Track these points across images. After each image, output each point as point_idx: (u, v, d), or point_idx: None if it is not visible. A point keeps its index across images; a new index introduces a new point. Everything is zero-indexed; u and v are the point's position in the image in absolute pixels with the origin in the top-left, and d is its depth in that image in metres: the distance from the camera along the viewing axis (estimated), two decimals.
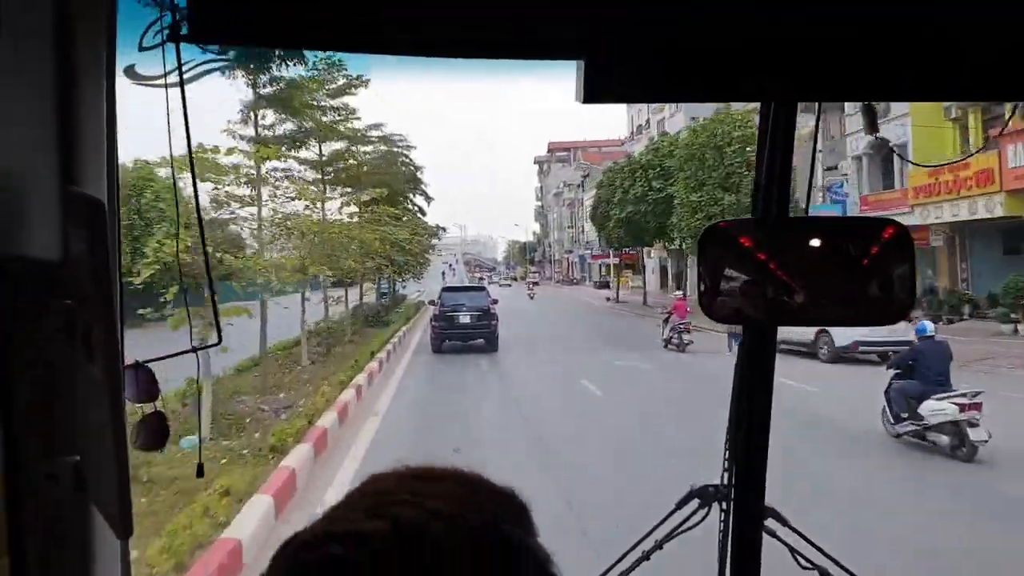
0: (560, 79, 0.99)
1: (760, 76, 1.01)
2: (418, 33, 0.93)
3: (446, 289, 24.24)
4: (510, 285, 77.64)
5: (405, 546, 0.54)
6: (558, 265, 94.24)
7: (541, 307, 41.51)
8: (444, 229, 40.94)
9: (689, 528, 1.69)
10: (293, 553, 0.57)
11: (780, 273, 1.35)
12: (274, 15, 0.90)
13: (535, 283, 74.99)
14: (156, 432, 1.06)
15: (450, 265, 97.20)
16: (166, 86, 0.94)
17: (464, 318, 21.95)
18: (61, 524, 1.00)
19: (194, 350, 1.08)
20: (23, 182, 0.87)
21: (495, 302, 23.46)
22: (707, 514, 1.69)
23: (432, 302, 23.99)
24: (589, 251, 73.13)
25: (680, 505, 1.71)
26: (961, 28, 1.00)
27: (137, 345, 1.13)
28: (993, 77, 1.04)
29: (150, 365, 1.07)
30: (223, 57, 0.93)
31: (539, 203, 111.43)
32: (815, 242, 1.37)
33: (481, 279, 70.53)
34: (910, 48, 1.00)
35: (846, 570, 1.63)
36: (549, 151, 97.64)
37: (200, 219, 0.97)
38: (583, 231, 76.14)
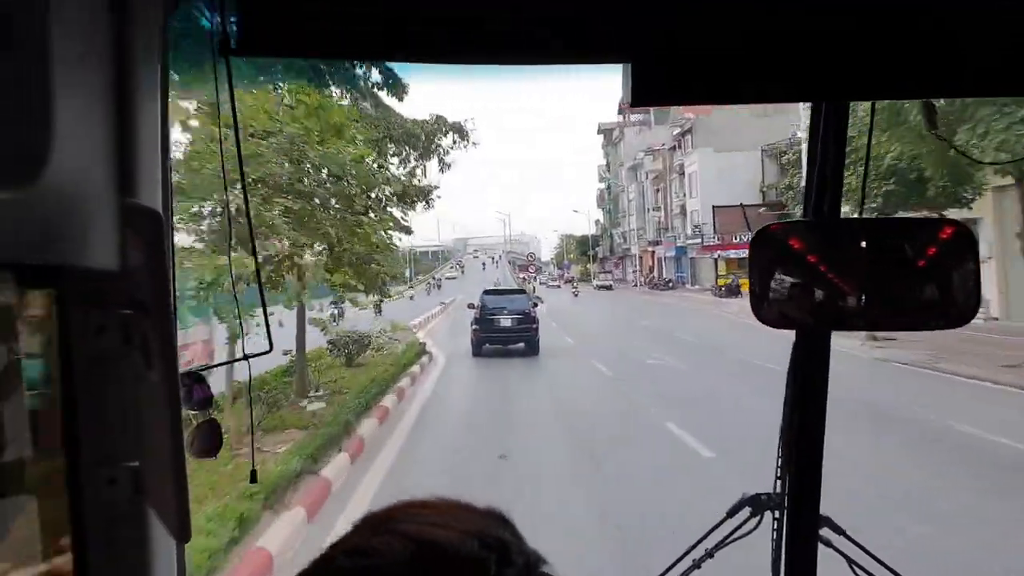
0: (611, 75, 0.97)
1: (810, 77, 1.00)
2: (465, 41, 0.94)
3: (487, 292, 23.67)
4: (559, 286, 61.82)
5: (413, 555, 0.58)
6: (635, 262, 68.92)
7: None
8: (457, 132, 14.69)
9: (741, 537, 1.66)
10: None
11: (832, 276, 1.33)
12: (321, 27, 0.91)
13: (606, 286, 55.74)
14: (210, 439, 1.08)
15: (493, 259, 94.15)
16: (217, 98, 0.96)
17: (505, 321, 21.47)
18: (120, 527, 1.03)
19: (246, 358, 1.10)
20: (82, 193, 0.90)
21: (536, 305, 22.81)
22: (759, 523, 1.65)
23: (471, 305, 23.36)
24: (698, 240, 48.87)
25: (731, 513, 1.68)
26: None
27: None
28: None
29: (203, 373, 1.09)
30: (275, 69, 0.95)
31: (603, 184, 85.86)
32: (868, 244, 1.35)
33: (524, 279, 60.25)
34: (957, 45, 0.97)
35: None
36: (620, 112, 68.81)
37: (251, 228, 0.99)
38: (684, 212, 53.18)
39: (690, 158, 51.35)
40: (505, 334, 21.56)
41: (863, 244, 1.36)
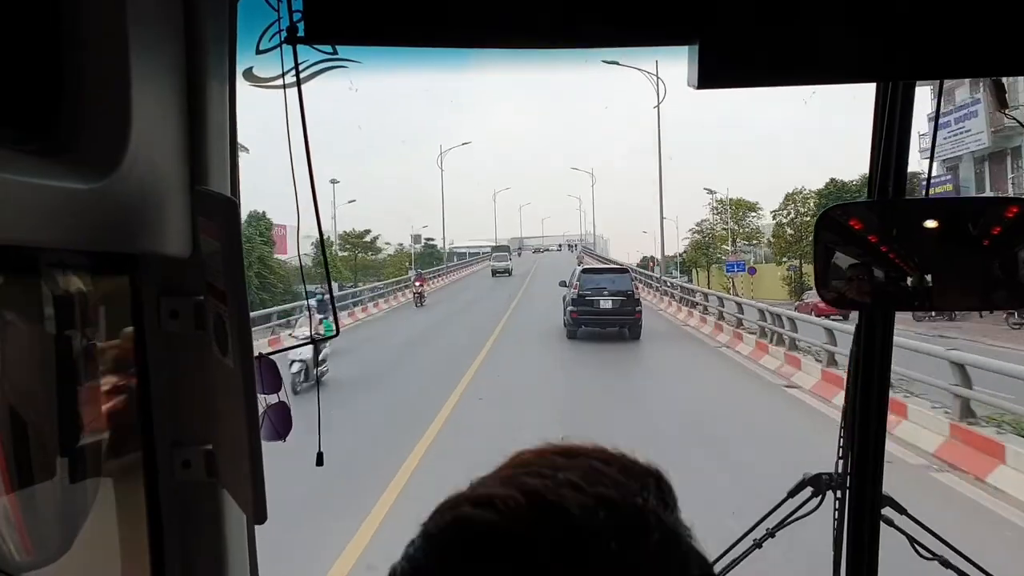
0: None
1: (880, 56, 0.97)
2: (533, 26, 0.93)
3: (586, 271, 21.45)
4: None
5: (533, 511, 0.55)
6: None
7: None
8: None
9: (802, 516, 1.64)
10: (433, 515, 0.60)
11: (894, 257, 1.32)
12: (388, 14, 0.91)
13: None
14: (280, 423, 1.10)
15: (571, 246, 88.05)
16: (284, 87, 0.96)
17: (605, 303, 19.19)
18: (194, 509, 1.06)
19: (312, 341, 1.12)
20: (157, 182, 0.92)
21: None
22: (820, 502, 1.64)
23: (563, 283, 21.28)
24: None
25: (792, 494, 1.66)
26: None
27: None
28: None
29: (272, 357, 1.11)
30: (339, 57, 0.95)
31: None
32: (932, 224, 1.33)
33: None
34: None
35: (967, 559, 1.55)
36: None
37: (318, 218, 1.00)
38: None
39: None
40: (604, 316, 19.33)
41: (927, 225, 1.33)
